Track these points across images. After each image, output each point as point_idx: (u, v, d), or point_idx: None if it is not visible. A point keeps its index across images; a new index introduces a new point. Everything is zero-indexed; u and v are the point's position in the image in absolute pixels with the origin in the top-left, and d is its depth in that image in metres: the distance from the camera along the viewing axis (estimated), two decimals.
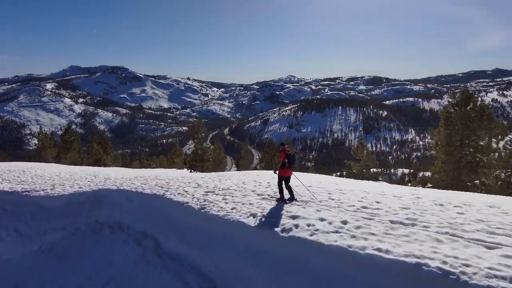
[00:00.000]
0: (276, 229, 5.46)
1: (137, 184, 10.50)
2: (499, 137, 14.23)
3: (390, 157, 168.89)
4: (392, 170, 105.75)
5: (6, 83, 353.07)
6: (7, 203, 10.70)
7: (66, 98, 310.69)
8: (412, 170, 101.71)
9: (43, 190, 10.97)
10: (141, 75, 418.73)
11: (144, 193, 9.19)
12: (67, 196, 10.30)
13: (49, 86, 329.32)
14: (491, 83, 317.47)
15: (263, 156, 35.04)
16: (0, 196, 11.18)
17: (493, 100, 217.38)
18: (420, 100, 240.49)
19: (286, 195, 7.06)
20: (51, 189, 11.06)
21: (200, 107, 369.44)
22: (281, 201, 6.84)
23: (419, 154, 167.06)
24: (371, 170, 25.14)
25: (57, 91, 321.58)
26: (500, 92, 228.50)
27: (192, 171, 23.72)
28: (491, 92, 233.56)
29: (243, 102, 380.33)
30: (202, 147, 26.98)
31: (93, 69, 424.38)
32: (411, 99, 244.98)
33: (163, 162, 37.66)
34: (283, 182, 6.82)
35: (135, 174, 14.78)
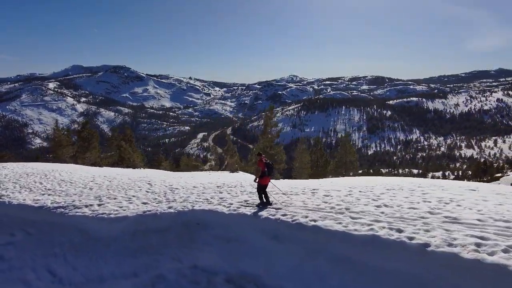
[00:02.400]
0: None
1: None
2: None
3: (394, 157, 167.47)
4: (399, 171, 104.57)
5: (8, 82, 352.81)
6: (32, 224, 8.26)
7: (68, 97, 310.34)
8: (421, 171, 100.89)
9: (86, 206, 8.54)
10: (143, 75, 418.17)
11: (319, 228, 5.48)
12: (131, 219, 7.29)
13: (51, 85, 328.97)
14: (494, 83, 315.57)
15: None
16: (19, 212, 8.88)
17: (498, 100, 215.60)
18: (424, 100, 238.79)
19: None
20: (98, 205, 8.49)
21: (202, 106, 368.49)
22: (263, 205, 7.19)
23: (424, 155, 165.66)
24: (381, 170, 25.53)
25: (59, 90, 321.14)
26: (505, 92, 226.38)
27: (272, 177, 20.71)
28: (495, 92, 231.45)
29: (245, 101, 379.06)
30: (274, 144, 22.75)
31: (95, 68, 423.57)
32: (415, 99, 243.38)
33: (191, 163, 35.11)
34: (263, 188, 7.30)
35: (201, 181, 12.11)
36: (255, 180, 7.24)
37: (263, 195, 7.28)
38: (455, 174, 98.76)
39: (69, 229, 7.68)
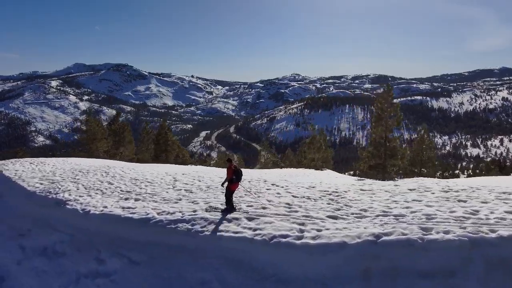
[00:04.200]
0: None
1: None
2: None
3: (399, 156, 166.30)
4: None
5: (11, 80, 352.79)
6: (134, 246, 6.48)
7: (71, 95, 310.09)
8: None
9: (230, 220, 6.65)
10: (146, 73, 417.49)
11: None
12: (354, 248, 4.93)
13: (54, 83, 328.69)
14: (498, 82, 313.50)
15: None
16: (105, 226, 7.25)
17: (503, 98, 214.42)
18: (428, 98, 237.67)
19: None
20: (249, 219, 6.64)
21: (204, 105, 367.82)
22: (230, 210, 7.40)
23: None
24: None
25: (62, 89, 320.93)
26: (510, 90, 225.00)
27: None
28: (500, 91, 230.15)
29: (248, 100, 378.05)
30: (392, 136, 18.61)
31: (97, 66, 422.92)
32: (419, 97, 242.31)
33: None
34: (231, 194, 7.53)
35: (334, 183, 10.43)
36: (222, 185, 7.68)
37: (230, 201, 7.59)
38: (465, 173, 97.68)
39: (212, 259, 5.37)
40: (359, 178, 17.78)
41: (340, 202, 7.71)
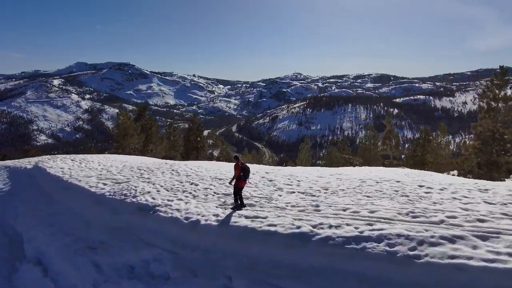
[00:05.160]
0: None
1: None
2: None
3: (403, 156, 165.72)
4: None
5: (13, 79, 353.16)
6: (293, 275, 4.85)
7: (73, 94, 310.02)
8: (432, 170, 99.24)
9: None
10: (148, 72, 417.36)
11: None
12: None
13: (56, 82, 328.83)
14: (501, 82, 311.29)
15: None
16: (232, 242, 5.82)
17: None
18: (431, 98, 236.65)
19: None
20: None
21: (206, 104, 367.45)
22: (239, 207, 7.30)
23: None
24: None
25: (64, 87, 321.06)
26: None
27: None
28: (504, 90, 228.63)
29: (249, 99, 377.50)
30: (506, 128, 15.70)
31: (99, 65, 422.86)
32: (422, 97, 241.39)
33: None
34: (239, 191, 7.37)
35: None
36: (230, 183, 7.52)
37: (238, 198, 7.44)
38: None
39: None
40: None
41: None
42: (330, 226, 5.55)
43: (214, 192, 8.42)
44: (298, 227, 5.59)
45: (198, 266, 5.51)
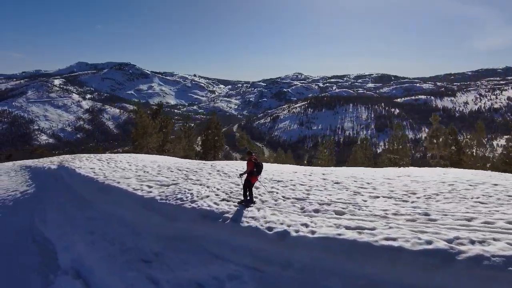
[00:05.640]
0: None
1: None
2: None
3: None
4: None
5: (14, 79, 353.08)
6: None
7: (74, 94, 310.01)
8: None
9: None
10: (148, 72, 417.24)
11: None
12: None
13: (57, 82, 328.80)
14: (502, 82, 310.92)
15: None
16: (341, 258, 4.85)
17: (508, 98, 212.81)
18: (432, 98, 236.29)
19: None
20: None
21: (207, 104, 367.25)
22: (247, 202, 7.21)
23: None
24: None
25: (64, 87, 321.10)
26: None
27: None
28: (505, 90, 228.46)
29: (250, 99, 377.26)
30: None
31: (100, 65, 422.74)
32: (423, 97, 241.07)
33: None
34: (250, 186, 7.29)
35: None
36: (240, 176, 7.39)
37: (247, 193, 7.29)
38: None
39: None
40: None
41: None
42: (473, 242, 4.58)
43: (283, 197, 7.53)
44: (429, 242, 4.58)
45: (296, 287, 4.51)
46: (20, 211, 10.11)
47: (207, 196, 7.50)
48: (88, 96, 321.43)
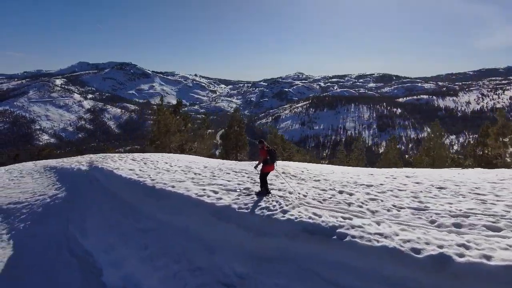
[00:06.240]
0: None
1: None
2: None
3: (406, 156, 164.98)
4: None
5: (16, 79, 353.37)
6: None
7: (75, 93, 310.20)
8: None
9: None
10: (150, 72, 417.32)
11: None
12: None
13: (58, 81, 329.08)
14: (504, 81, 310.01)
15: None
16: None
17: (511, 98, 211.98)
18: (434, 97, 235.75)
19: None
20: None
21: (208, 103, 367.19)
22: (263, 193, 7.11)
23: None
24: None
25: (66, 87, 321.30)
26: None
27: None
28: (508, 89, 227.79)
29: (251, 99, 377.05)
30: None
31: (101, 65, 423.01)
32: (425, 96, 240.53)
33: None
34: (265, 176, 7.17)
35: None
36: (255, 167, 7.27)
37: (264, 184, 7.20)
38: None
39: None
40: None
41: None
42: None
43: (393, 205, 6.14)
44: None
45: None
46: (51, 218, 9.04)
47: (301, 205, 6.21)
48: (90, 96, 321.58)
